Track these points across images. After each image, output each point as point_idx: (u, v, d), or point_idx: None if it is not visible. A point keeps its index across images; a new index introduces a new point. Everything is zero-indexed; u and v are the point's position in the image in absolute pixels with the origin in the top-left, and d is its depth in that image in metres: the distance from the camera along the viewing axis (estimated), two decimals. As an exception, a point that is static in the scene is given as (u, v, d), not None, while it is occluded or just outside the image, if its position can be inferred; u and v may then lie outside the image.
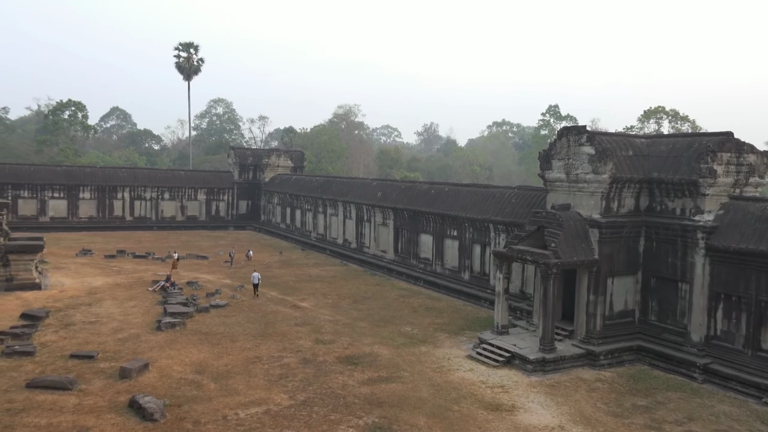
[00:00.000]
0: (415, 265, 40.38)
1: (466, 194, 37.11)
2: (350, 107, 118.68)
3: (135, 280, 36.14)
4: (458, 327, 28.53)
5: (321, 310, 31.02)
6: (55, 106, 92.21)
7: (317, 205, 55.47)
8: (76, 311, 28.23)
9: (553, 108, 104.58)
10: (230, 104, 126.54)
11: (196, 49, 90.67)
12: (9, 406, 17.23)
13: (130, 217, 64.66)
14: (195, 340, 24.49)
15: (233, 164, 71.38)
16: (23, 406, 17.28)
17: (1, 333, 23.53)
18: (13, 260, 32.09)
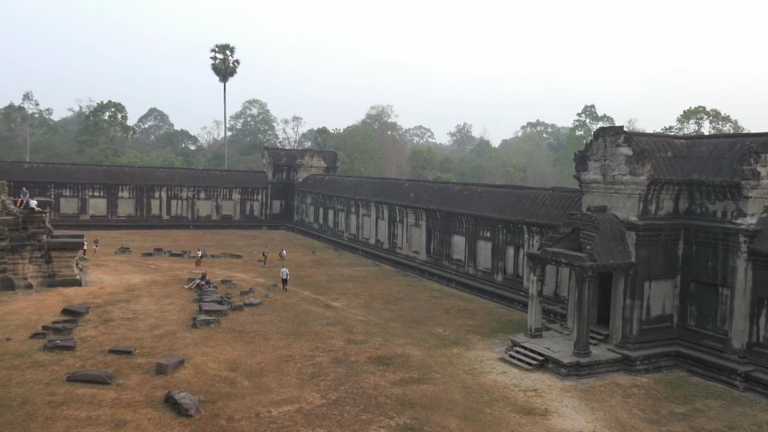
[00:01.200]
0: (447, 267, 40.20)
1: (500, 195, 36.79)
2: (383, 108, 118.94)
3: (171, 278, 36.83)
4: (491, 329, 28.31)
5: (353, 310, 31.13)
6: (96, 108, 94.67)
7: (350, 205, 55.69)
8: (115, 308, 28.91)
9: (589, 108, 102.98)
10: (264, 105, 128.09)
11: (231, 50, 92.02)
12: (51, 398, 17.73)
13: (167, 216, 65.93)
14: (229, 338, 24.83)
15: (267, 164, 72.17)
16: (64, 398, 17.76)
17: (43, 327, 24.27)
18: (55, 257, 33.03)
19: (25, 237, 32.17)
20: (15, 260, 31.75)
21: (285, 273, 35.95)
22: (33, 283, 32.02)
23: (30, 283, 31.89)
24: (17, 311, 27.30)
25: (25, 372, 19.77)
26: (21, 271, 31.93)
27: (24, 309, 27.76)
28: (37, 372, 19.81)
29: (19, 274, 31.79)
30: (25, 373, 19.69)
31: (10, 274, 31.46)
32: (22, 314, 26.82)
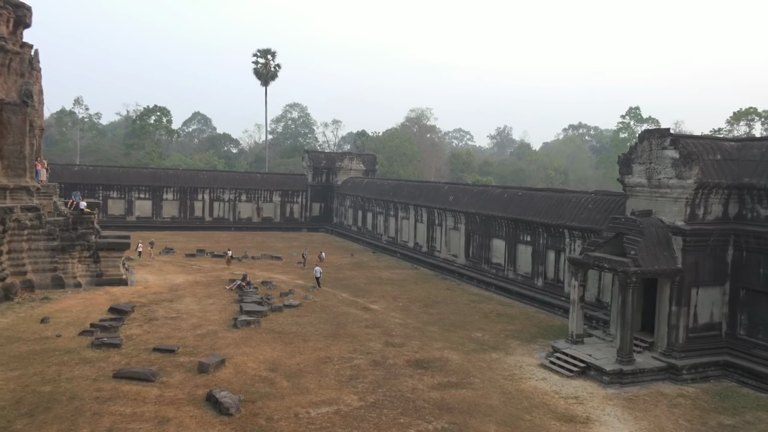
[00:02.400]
0: (486, 270, 39.84)
1: (541, 199, 36.29)
2: (422, 110, 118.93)
3: (213, 279, 37.51)
4: (530, 334, 27.91)
5: (391, 313, 31.13)
6: (143, 112, 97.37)
7: (388, 208, 55.76)
8: (159, 307, 29.60)
9: (634, 110, 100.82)
10: (305, 108, 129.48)
11: (273, 55, 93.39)
12: (98, 394, 18.25)
13: (209, 217, 67.24)
14: (269, 339, 25.13)
15: (307, 167, 72.91)
16: (110, 395, 18.25)
17: (91, 325, 25.02)
18: (102, 257, 34.05)
19: (75, 237, 33.24)
20: (65, 259, 32.85)
21: (318, 272, 37.65)
22: (82, 282, 33.06)
23: (79, 282, 32.94)
24: (67, 309, 28.22)
25: (73, 368, 20.40)
26: (71, 270, 33.01)
27: (73, 307, 28.68)
28: (85, 368, 20.42)
29: (68, 273, 32.87)
30: (73, 369, 20.32)
31: (60, 273, 32.56)
32: (72, 312, 27.72)
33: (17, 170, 32.24)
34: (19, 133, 32.14)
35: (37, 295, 30.50)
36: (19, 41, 33.47)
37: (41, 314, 26.87)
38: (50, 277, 32.20)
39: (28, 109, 32.57)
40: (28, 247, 31.94)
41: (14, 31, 33.35)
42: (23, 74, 33.14)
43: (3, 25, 32.34)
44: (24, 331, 24.49)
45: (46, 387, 18.58)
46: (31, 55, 34.17)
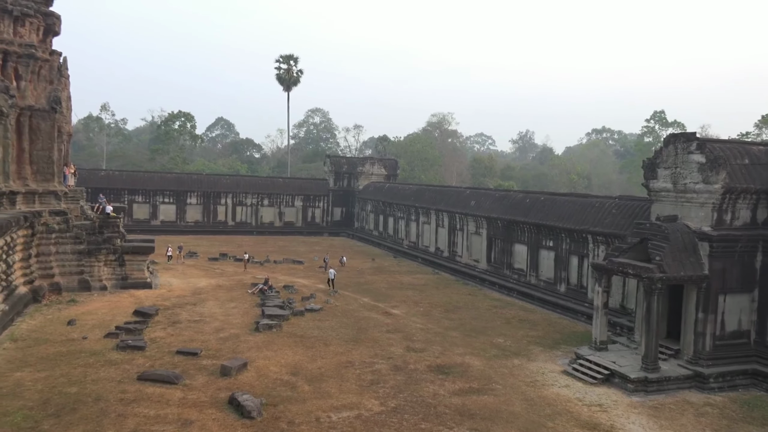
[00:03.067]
0: (508, 276, 39.57)
1: (563, 204, 35.97)
2: (444, 115, 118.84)
3: (236, 283, 37.82)
4: (553, 341, 27.63)
5: (412, 317, 31.07)
6: (167, 117, 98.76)
7: (410, 213, 55.73)
8: (182, 310, 29.92)
9: (659, 114, 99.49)
10: (326, 113, 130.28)
11: (295, 60, 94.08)
12: (122, 396, 18.49)
13: (232, 222, 67.84)
14: (290, 343, 25.24)
15: (328, 172, 73.22)
16: (134, 396, 18.48)
17: (116, 328, 25.39)
18: (128, 260, 34.55)
19: (101, 241, 33.80)
20: (91, 263, 33.41)
21: (332, 273, 38.47)
22: (107, 285, 33.58)
23: (105, 285, 33.46)
24: (93, 311, 28.67)
25: (99, 370, 20.71)
26: (97, 273, 33.55)
27: (99, 309, 29.13)
28: (110, 370, 20.72)
29: (95, 276, 33.42)
30: (99, 370, 20.63)
31: (86, 276, 33.11)
32: (97, 314, 28.16)
33: (46, 175, 32.91)
34: (48, 138, 32.82)
35: (64, 298, 31.06)
36: (49, 49, 34.23)
37: (68, 316, 27.34)
38: (77, 279, 32.77)
39: (57, 115, 33.25)
40: (55, 250, 32.55)
41: (44, 39, 34.13)
42: (52, 81, 33.86)
43: (33, 34, 33.12)
44: (51, 332, 24.94)
45: (72, 388, 18.88)
46: (60, 62, 34.92)
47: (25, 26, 32.47)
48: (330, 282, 38.08)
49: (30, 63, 32.47)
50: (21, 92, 32.14)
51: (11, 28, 31.85)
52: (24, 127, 32.15)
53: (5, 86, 30.39)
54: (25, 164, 32.31)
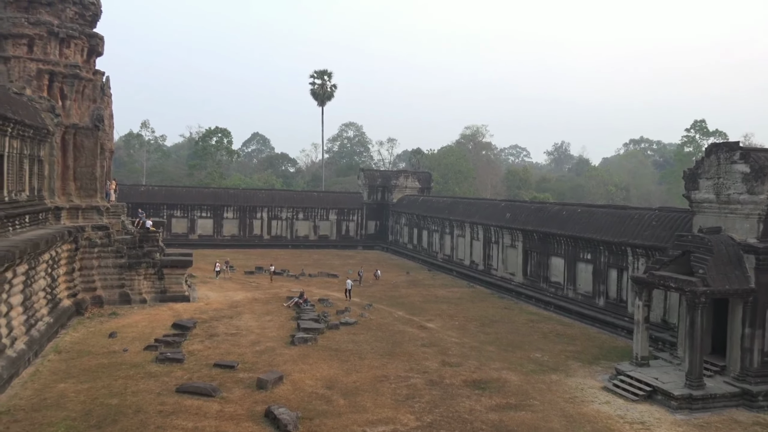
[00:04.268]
0: (545, 289, 38.97)
1: (601, 216, 35.33)
2: (477, 127, 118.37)
3: (271, 296, 38.14)
4: (592, 356, 27.03)
5: (448, 331, 30.81)
6: (205, 133, 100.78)
7: (444, 226, 55.50)
8: (219, 323, 30.28)
9: (699, 123, 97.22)
10: (360, 127, 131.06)
11: (329, 76, 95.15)
12: (161, 408, 18.75)
13: (268, 235, 68.59)
14: (326, 356, 25.27)
15: (362, 185, 73.54)
16: (173, 409, 18.72)
17: (156, 341, 25.83)
18: (167, 274, 35.21)
19: (141, 255, 34.53)
20: (132, 276, 34.15)
21: (349, 284, 39.47)
22: (147, 298, 34.24)
23: (144, 298, 34.13)
24: (133, 324, 29.25)
25: (139, 382, 21.07)
26: (137, 286, 34.27)
27: (139, 322, 29.71)
28: (149, 382, 21.05)
29: (135, 290, 34.13)
30: (139, 383, 20.99)
31: (127, 290, 33.84)
32: (137, 327, 28.71)
33: (89, 191, 33.87)
34: (91, 155, 33.82)
35: (105, 311, 31.78)
36: (92, 69, 35.37)
37: (109, 329, 27.95)
38: (118, 293, 33.52)
39: (100, 132, 34.26)
40: (98, 264, 33.38)
41: (88, 59, 35.29)
42: (95, 100, 34.94)
43: (78, 54, 34.29)
44: (93, 345, 25.52)
45: (113, 400, 19.24)
46: (103, 81, 36.03)
47: (70, 47, 33.64)
48: (347, 293, 38.65)
49: (74, 83, 33.59)
50: (66, 111, 33.24)
51: (57, 50, 33.04)
52: (69, 145, 33.21)
53: (51, 106, 31.49)
54: (69, 180, 33.33)
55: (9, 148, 24.87)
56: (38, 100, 30.94)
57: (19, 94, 29.61)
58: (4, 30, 31.36)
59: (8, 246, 20.94)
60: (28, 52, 31.96)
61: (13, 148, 25.49)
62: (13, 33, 31.43)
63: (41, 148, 30.18)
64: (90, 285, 32.81)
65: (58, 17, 32.92)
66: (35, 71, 31.88)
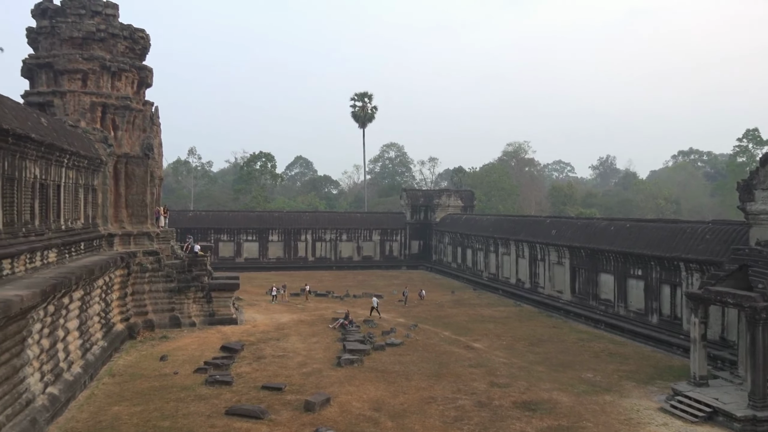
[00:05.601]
0: (594, 307, 37.99)
1: (651, 230, 34.36)
2: (519, 144, 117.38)
3: (317, 318, 38.33)
4: (647, 375, 26.11)
5: (495, 351, 30.30)
6: (249, 158, 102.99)
7: (488, 244, 54.92)
8: (266, 345, 30.56)
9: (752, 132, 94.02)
10: (401, 148, 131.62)
11: (370, 98, 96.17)
12: (211, 430, 18.97)
13: (312, 257, 69.19)
14: (372, 377, 25.16)
15: (405, 205, 73.60)
16: (223, 431, 18.91)
17: (205, 363, 26.23)
18: (215, 297, 35.84)
19: (190, 279, 35.29)
20: (181, 300, 34.90)
21: (375, 302, 39.93)
22: (196, 321, 34.89)
23: (194, 321, 34.79)
24: (183, 347, 29.81)
25: (189, 404, 21.39)
26: (186, 310, 34.98)
27: (188, 345, 30.26)
28: (199, 405, 21.36)
29: (184, 313, 34.84)
30: (189, 405, 21.31)
31: (177, 313, 34.58)
32: (187, 350, 29.23)
33: (140, 217, 34.92)
34: (142, 183, 34.93)
35: (156, 334, 32.51)
36: (142, 100, 36.68)
37: (160, 352, 28.55)
38: (168, 316, 34.27)
39: (150, 161, 35.40)
40: (149, 288, 34.26)
41: (138, 91, 36.64)
42: (145, 129, 36.16)
43: (129, 87, 35.65)
44: (145, 368, 26.10)
45: (165, 422, 19.57)
46: (152, 111, 37.29)
47: (121, 80, 35.02)
48: (374, 310, 39.37)
49: (126, 114, 34.87)
50: (118, 141, 34.50)
51: (109, 83, 34.43)
52: (120, 174, 34.41)
53: (104, 136, 32.76)
54: (121, 208, 34.45)
55: (65, 179, 25.92)
56: (92, 132, 32.23)
57: (74, 127, 30.93)
58: (60, 66, 32.91)
59: (65, 273, 21.72)
60: (82, 86, 33.41)
61: (69, 178, 26.55)
62: (68, 69, 32.94)
63: (95, 178, 31.36)
64: (142, 309, 33.67)
65: (110, 52, 34.35)
66: (89, 104, 33.25)
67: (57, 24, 33.50)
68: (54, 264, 23.51)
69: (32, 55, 33.87)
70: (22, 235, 20.61)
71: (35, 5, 34.05)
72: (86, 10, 33.91)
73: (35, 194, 22.21)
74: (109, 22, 34.48)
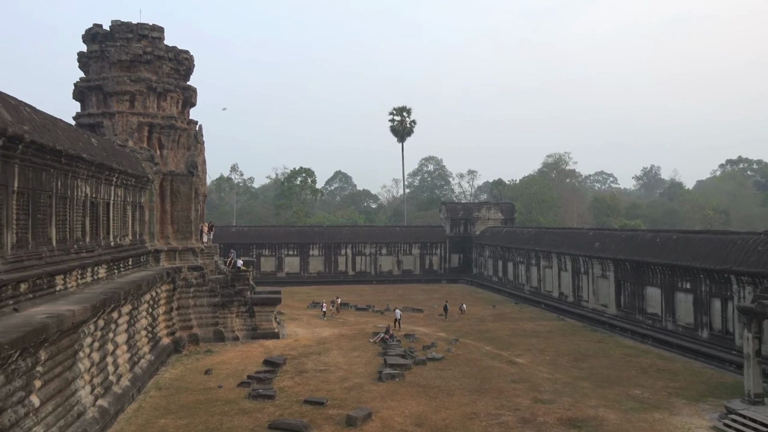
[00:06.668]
0: (641, 321, 36.99)
1: (699, 242, 33.36)
2: (560, 155, 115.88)
3: (358, 332, 38.39)
4: (698, 392, 25.23)
5: (538, 367, 29.78)
6: (290, 174, 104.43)
7: (530, 257, 54.20)
8: (308, 359, 30.75)
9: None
10: (440, 161, 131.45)
11: (408, 112, 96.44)
12: (255, 444, 19.15)
13: (352, 271, 69.44)
14: (413, 392, 25.03)
15: (444, 219, 73.33)
16: (266, 445, 19.06)
17: (248, 377, 26.55)
18: (257, 311, 36.31)
19: (233, 293, 35.87)
20: (225, 315, 35.48)
21: (398, 314, 41.09)
22: (239, 336, 35.38)
23: (237, 336, 35.29)
24: (227, 361, 30.25)
25: (233, 418, 21.66)
26: (230, 324, 35.53)
27: (232, 359, 30.68)
28: (243, 418, 21.60)
29: (228, 327, 35.39)
30: (233, 418, 21.58)
31: (221, 327, 35.14)
32: (231, 364, 29.65)
33: (185, 233, 35.75)
34: (186, 200, 35.80)
35: (201, 348, 33.09)
36: (187, 119, 37.73)
37: (205, 366, 29.04)
38: (212, 331, 34.86)
39: (194, 178, 36.28)
40: (193, 303, 34.95)
41: (182, 110, 37.70)
42: (189, 147, 37.14)
43: (173, 106, 36.73)
44: (191, 381, 26.57)
45: (210, 435, 19.84)
46: (196, 129, 38.30)
47: (166, 100, 36.11)
48: (396, 322, 40.00)
49: (171, 133, 35.91)
50: (163, 159, 35.51)
51: (156, 103, 35.55)
52: (166, 191, 35.36)
53: (151, 155, 33.77)
54: (167, 224, 35.36)
55: (114, 196, 26.79)
56: (139, 151, 33.28)
57: (122, 146, 31.99)
58: (109, 88, 34.15)
59: (114, 288, 22.38)
60: (130, 107, 34.59)
61: (118, 196, 27.43)
62: (117, 90, 34.16)
63: (142, 195, 32.31)
64: (187, 323, 34.34)
65: (156, 73, 35.50)
66: (136, 124, 34.37)
67: (106, 48, 34.83)
68: (104, 279, 24.25)
69: (83, 78, 35.26)
70: (74, 251, 21.36)
71: (86, 30, 35.50)
72: (133, 34, 35.17)
73: (86, 212, 23.02)
74: (155, 44, 35.67)
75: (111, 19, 36.09)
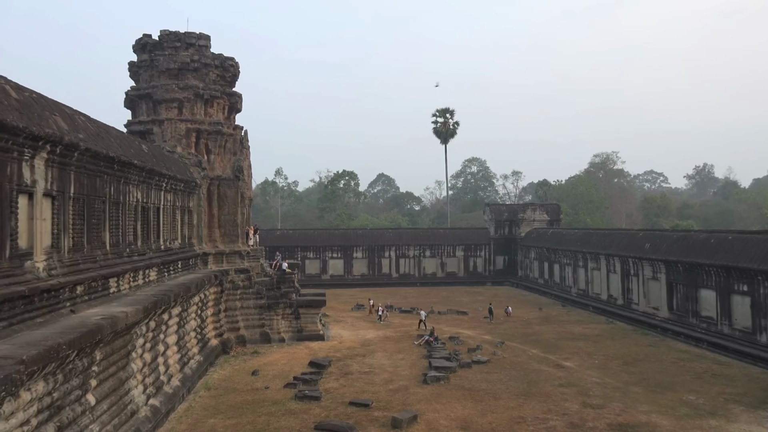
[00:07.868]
0: (695, 325, 35.77)
1: (758, 242, 32.05)
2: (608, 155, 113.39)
3: (402, 334, 38.35)
4: (757, 399, 24.21)
5: (587, 371, 29.13)
6: (333, 177, 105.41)
7: (577, 259, 53.13)
8: (353, 361, 30.87)
9: None
10: (483, 162, 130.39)
11: (451, 114, 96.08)
12: (301, 445, 19.32)
13: (396, 274, 69.45)
14: (458, 395, 24.82)
15: (488, 220, 72.61)
16: (312, 446, 19.20)
17: (294, 378, 26.84)
18: (302, 313, 36.71)
19: (279, 296, 36.35)
20: (271, 316, 35.98)
21: (423, 315, 41.38)
22: (285, 337, 35.83)
23: (282, 337, 35.74)
24: (273, 363, 30.65)
25: (280, 419, 21.92)
26: (275, 326, 36.02)
27: (278, 361, 31.08)
28: (289, 419, 21.82)
29: (274, 329, 35.88)
30: (280, 419, 21.83)
31: (267, 329, 35.66)
32: (277, 365, 30.03)
33: (231, 237, 36.43)
34: (233, 204, 36.48)
35: (248, 350, 33.63)
36: (233, 124, 38.46)
37: (252, 367, 29.49)
38: (258, 332, 35.39)
39: (240, 182, 36.96)
40: (240, 305, 35.58)
41: (228, 116, 38.45)
42: (235, 152, 37.83)
43: (220, 112, 37.49)
44: (238, 382, 27.03)
45: (257, 436, 20.12)
46: (242, 135, 39.00)
47: (213, 107, 36.89)
48: (421, 323, 40.18)
49: (218, 138, 36.66)
50: (210, 164, 36.29)
51: (203, 110, 36.37)
52: (213, 195, 36.12)
53: (198, 161, 34.57)
54: (214, 228, 36.11)
55: (164, 201, 27.53)
56: (187, 156, 34.11)
57: (171, 152, 32.85)
58: (158, 96, 35.12)
59: (165, 290, 22.97)
60: (178, 114, 35.47)
61: (167, 200, 28.17)
62: (165, 98, 35.10)
63: (190, 200, 33.09)
64: (234, 325, 34.98)
65: (203, 80, 36.31)
66: (184, 130, 35.22)
67: (155, 57, 35.82)
68: (154, 282, 24.92)
69: (133, 87, 36.37)
70: (126, 255, 22.03)
71: (136, 41, 36.60)
72: (181, 43, 36.07)
73: (137, 216, 23.71)
74: (201, 52, 36.49)
75: (160, 29, 37.12)
